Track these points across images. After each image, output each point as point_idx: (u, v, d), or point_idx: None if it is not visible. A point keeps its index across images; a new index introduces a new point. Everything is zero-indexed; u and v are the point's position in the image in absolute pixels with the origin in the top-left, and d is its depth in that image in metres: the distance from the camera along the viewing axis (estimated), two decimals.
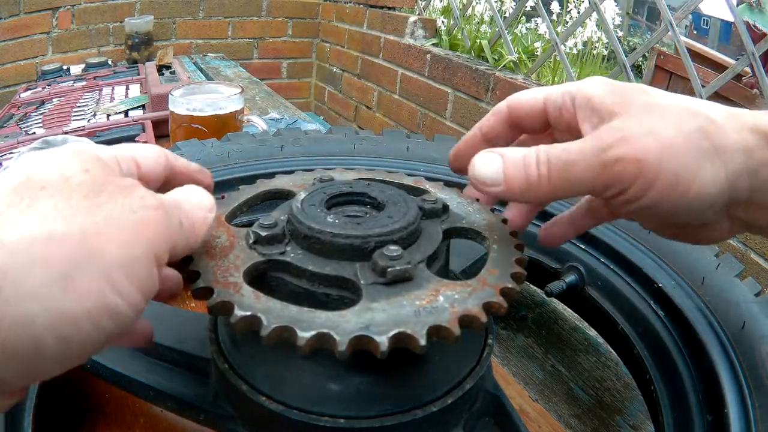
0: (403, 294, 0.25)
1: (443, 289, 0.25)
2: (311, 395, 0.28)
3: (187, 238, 0.24)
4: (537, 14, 1.54)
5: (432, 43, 1.56)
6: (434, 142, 0.58)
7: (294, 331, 0.22)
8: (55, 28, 1.69)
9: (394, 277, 0.25)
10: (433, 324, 0.23)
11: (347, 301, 0.25)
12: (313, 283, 0.26)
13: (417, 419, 0.28)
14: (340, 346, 0.22)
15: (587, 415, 0.46)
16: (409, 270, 0.26)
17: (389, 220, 0.28)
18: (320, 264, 0.26)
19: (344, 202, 0.32)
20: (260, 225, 0.28)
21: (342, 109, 2.08)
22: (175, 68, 1.41)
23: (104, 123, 1.03)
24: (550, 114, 0.31)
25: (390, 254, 0.26)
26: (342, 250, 0.27)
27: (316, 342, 0.22)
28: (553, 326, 0.55)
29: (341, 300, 0.26)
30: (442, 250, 0.30)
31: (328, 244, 0.27)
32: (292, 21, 2.14)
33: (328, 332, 0.22)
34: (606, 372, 0.50)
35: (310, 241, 0.27)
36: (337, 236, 0.27)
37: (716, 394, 0.33)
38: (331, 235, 0.27)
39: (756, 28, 1.70)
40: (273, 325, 0.22)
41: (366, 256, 0.27)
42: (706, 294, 0.38)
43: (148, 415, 0.38)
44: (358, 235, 0.27)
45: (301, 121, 1.24)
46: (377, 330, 0.22)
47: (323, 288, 0.26)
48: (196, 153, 0.53)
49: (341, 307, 0.24)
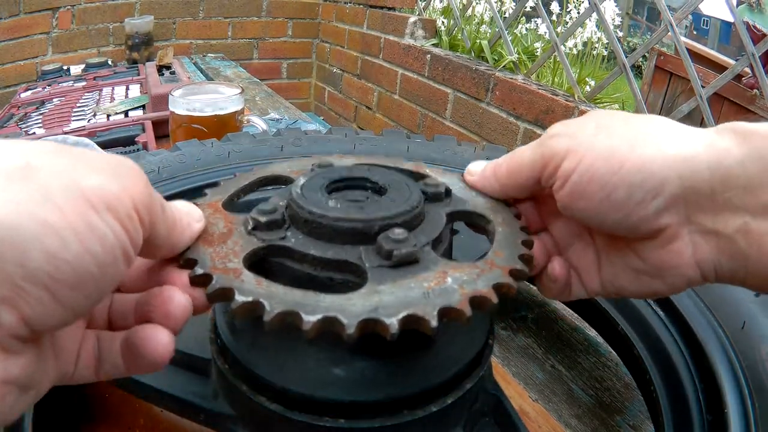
0: (410, 276, 0.24)
1: (451, 271, 0.25)
2: (312, 395, 0.28)
3: (169, 231, 0.24)
4: (537, 15, 1.54)
5: (432, 43, 1.56)
6: (434, 142, 0.58)
7: (299, 315, 0.22)
8: (55, 28, 1.69)
9: (400, 259, 0.25)
10: (443, 305, 0.22)
11: (351, 284, 0.25)
12: (315, 268, 0.26)
13: (417, 419, 0.28)
14: (348, 330, 0.21)
15: (587, 415, 0.46)
16: (415, 252, 0.25)
17: (392, 204, 0.28)
18: (322, 248, 0.26)
19: (344, 187, 0.31)
20: (259, 210, 0.28)
21: (342, 110, 2.08)
22: (175, 68, 1.41)
23: (104, 123, 1.03)
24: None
25: (395, 237, 0.25)
26: (345, 233, 0.26)
27: (323, 326, 0.22)
28: (553, 326, 0.55)
29: (345, 284, 0.25)
30: (446, 233, 0.30)
31: (331, 228, 0.26)
32: (292, 21, 2.14)
33: (335, 315, 0.21)
34: (606, 372, 0.50)
35: (312, 225, 0.27)
36: (340, 220, 0.26)
37: (716, 394, 0.33)
38: (333, 219, 0.26)
39: (756, 29, 1.70)
40: (276, 310, 0.22)
41: (370, 239, 0.26)
42: (706, 294, 0.38)
43: (148, 415, 0.38)
44: (361, 219, 0.26)
45: (301, 121, 1.24)
46: (386, 312, 0.22)
47: (326, 272, 0.26)
48: (196, 153, 0.53)
49: (345, 291, 0.23)
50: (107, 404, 0.39)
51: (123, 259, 0.20)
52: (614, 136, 0.26)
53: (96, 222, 0.19)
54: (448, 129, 1.46)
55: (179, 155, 0.53)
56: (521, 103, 1.18)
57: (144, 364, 0.23)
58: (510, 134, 1.23)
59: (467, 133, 1.38)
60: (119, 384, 0.34)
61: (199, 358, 0.33)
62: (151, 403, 0.36)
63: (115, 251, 0.20)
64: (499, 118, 1.26)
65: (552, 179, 0.28)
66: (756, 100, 1.79)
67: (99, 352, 0.24)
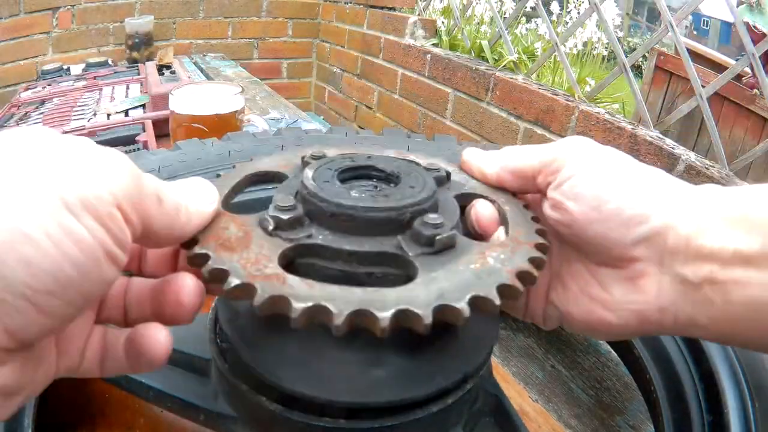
0: (454, 261, 0.24)
1: (487, 252, 0.25)
2: (312, 395, 0.27)
3: (171, 221, 0.22)
4: (537, 15, 1.54)
5: (432, 43, 1.56)
6: (434, 141, 0.58)
7: (371, 314, 0.21)
8: (55, 28, 1.69)
9: (442, 245, 0.24)
10: (499, 283, 0.23)
11: (392, 277, 0.24)
12: (351, 264, 0.24)
13: (417, 419, 0.28)
14: (425, 320, 0.21)
15: (587, 415, 0.46)
16: (454, 236, 0.25)
17: (413, 190, 0.27)
18: (356, 242, 0.25)
19: (353, 177, 0.30)
20: (278, 208, 0.25)
21: (342, 109, 2.08)
22: (175, 68, 1.41)
23: (104, 123, 1.03)
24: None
25: (433, 222, 0.25)
26: (377, 224, 0.25)
27: (398, 321, 0.21)
28: None
29: (385, 277, 0.24)
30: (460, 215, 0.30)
31: (363, 219, 0.25)
32: (292, 21, 2.14)
33: (408, 308, 0.21)
34: (606, 372, 0.50)
35: (339, 219, 0.25)
36: (372, 210, 0.25)
37: (716, 394, 0.33)
38: (364, 210, 0.25)
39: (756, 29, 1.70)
40: (345, 312, 0.21)
41: (402, 228, 0.25)
42: None
43: (148, 415, 0.38)
44: (393, 207, 0.25)
45: (302, 120, 1.24)
46: (452, 297, 0.22)
47: (364, 267, 0.24)
48: (196, 152, 0.53)
49: (386, 284, 0.23)
50: (107, 404, 0.39)
51: (107, 261, 0.19)
52: (621, 159, 0.28)
53: (72, 224, 0.17)
54: (448, 128, 1.46)
55: (180, 154, 0.53)
56: (521, 103, 1.18)
57: (143, 362, 0.23)
58: (510, 134, 1.23)
59: (467, 133, 1.38)
60: (119, 384, 0.34)
61: (199, 358, 0.33)
62: (151, 403, 0.36)
63: (96, 254, 0.18)
64: (499, 118, 1.26)
65: (552, 176, 0.29)
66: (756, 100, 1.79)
67: (105, 349, 0.24)
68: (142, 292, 0.25)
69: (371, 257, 0.24)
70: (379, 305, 0.21)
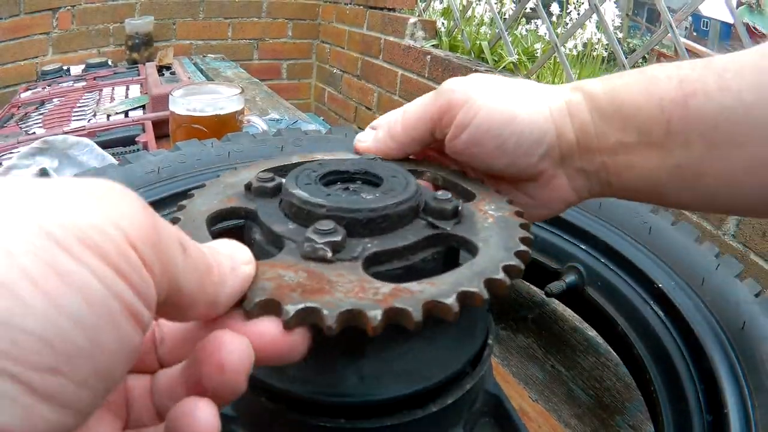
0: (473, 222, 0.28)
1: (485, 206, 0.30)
2: (312, 395, 0.28)
3: (201, 279, 0.17)
4: (537, 16, 1.54)
5: (432, 44, 1.56)
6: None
7: (444, 303, 0.21)
8: (55, 29, 1.69)
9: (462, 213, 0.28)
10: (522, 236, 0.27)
11: (436, 255, 0.26)
12: (407, 258, 0.26)
13: (417, 419, 0.27)
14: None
15: (587, 415, 0.46)
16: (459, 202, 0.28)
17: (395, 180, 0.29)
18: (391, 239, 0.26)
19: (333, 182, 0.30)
20: (322, 232, 0.24)
21: (342, 110, 2.08)
22: (175, 69, 1.42)
23: (104, 123, 1.03)
24: None
25: (444, 197, 0.27)
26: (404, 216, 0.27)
27: (464, 299, 0.22)
28: (553, 326, 0.55)
29: (433, 258, 0.26)
30: None
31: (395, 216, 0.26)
32: (292, 22, 2.14)
33: (471, 290, 0.22)
34: (606, 372, 0.50)
35: (375, 222, 0.26)
36: (400, 204, 0.27)
37: (716, 394, 0.33)
38: (395, 206, 0.26)
39: (755, 30, 1.70)
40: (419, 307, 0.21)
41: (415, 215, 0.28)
42: (706, 294, 0.38)
43: None
44: (407, 198, 0.27)
45: (301, 121, 1.24)
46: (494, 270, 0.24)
47: (417, 255, 0.26)
48: (196, 153, 0.53)
49: (437, 264, 0.26)
50: None
51: (127, 318, 0.14)
52: (503, 93, 0.31)
53: (66, 264, 0.12)
54: None
55: (179, 155, 0.53)
56: None
57: None
58: None
59: None
60: None
61: None
62: None
63: (110, 308, 0.13)
64: None
65: (447, 129, 0.32)
66: None
67: None
68: (172, 377, 0.20)
69: (421, 245, 0.26)
70: (446, 291, 0.22)
